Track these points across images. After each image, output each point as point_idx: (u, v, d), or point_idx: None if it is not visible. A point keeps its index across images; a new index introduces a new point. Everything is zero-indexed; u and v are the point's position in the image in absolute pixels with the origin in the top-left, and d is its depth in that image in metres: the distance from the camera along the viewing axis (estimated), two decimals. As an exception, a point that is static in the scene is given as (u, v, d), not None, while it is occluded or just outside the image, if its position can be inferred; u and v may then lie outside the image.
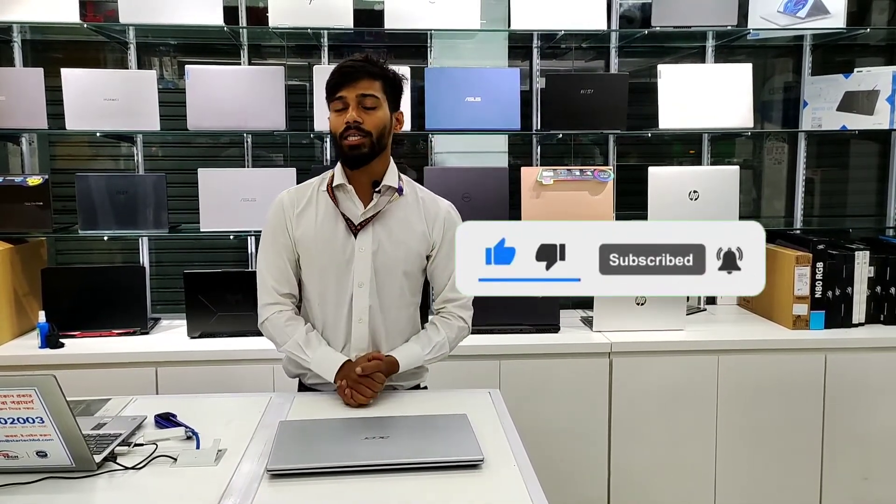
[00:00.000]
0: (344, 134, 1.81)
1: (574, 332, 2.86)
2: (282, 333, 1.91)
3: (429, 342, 1.94)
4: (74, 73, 2.82)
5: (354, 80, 1.81)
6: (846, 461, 2.81)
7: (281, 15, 2.86)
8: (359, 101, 1.81)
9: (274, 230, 1.92)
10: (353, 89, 1.81)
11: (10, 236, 2.83)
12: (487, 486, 1.40)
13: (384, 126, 1.86)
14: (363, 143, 1.82)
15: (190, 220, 3.03)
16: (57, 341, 2.64)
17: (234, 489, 1.39)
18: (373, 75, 1.83)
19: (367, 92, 1.82)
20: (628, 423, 2.74)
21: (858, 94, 3.07)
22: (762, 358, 2.76)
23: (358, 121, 1.80)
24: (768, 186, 3.65)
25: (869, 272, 2.90)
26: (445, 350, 1.96)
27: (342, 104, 1.82)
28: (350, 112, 1.81)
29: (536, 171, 2.92)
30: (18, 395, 1.38)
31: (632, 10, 3.24)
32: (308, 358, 1.87)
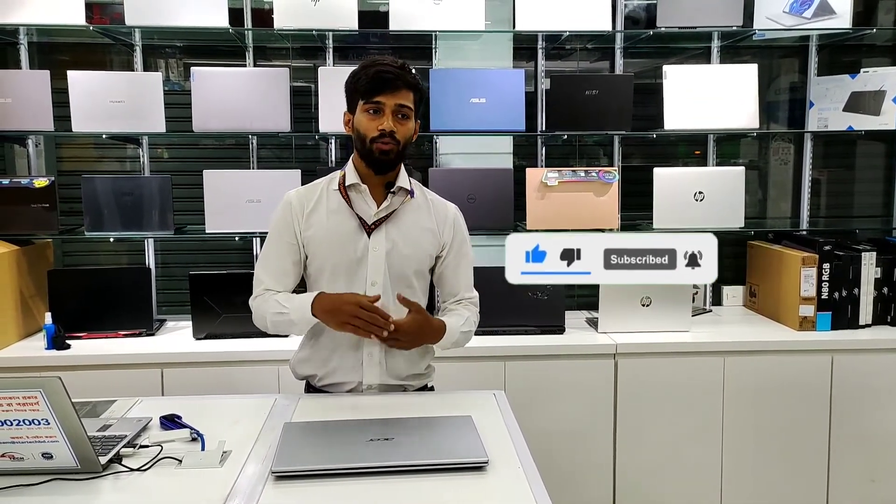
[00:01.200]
0: (377, 139, 1.82)
1: (579, 334, 2.85)
2: (264, 306, 1.90)
3: (460, 316, 1.96)
4: (80, 75, 2.84)
5: (395, 89, 1.82)
6: (853, 463, 2.80)
7: (286, 17, 2.87)
8: (396, 109, 1.82)
9: (280, 230, 1.93)
10: (393, 98, 1.82)
11: (16, 238, 2.84)
12: (492, 488, 1.40)
13: (411, 136, 1.89)
14: (393, 150, 1.83)
15: (195, 222, 3.03)
16: (63, 343, 2.65)
17: (239, 491, 1.40)
18: (410, 86, 1.84)
19: (405, 102, 1.83)
20: (634, 424, 2.74)
21: (865, 94, 3.06)
22: (768, 359, 2.76)
23: (393, 130, 1.82)
24: (774, 187, 3.64)
25: (876, 273, 2.89)
26: (472, 328, 1.99)
27: (377, 108, 1.83)
28: (387, 120, 1.82)
29: (541, 172, 2.91)
30: (24, 397, 1.38)
31: (637, 10, 3.23)
32: (287, 310, 1.86)
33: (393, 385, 1.94)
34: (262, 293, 1.93)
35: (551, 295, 2.82)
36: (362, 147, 1.86)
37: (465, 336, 1.98)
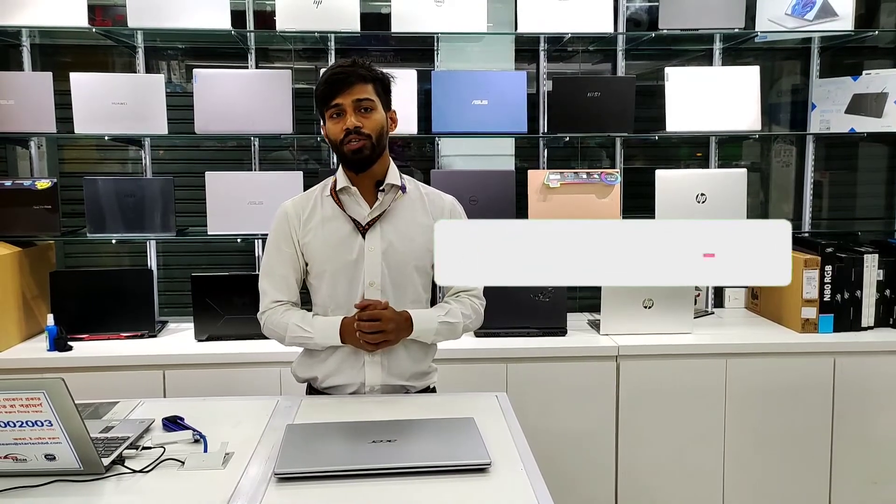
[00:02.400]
0: (345, 140, 1.84)
1: (581, 336, 2.85)
2: (280, 323, 1.92)
3: (441, 308, 1.96)
4: (83, 77, 2.84)
5: (348, 86, 1.83)
6: (855, 465, 2.79)
7: (288, 19, 2.87)
8: (355, 106, 1.83)
9: (279, 241, 1.95)
10: (348, 95, 1.83)
11: (18, 239, 2.84)
12: (495, 490, 1.40)
13: (382, 127, 1.88)
14: (364, 145, 1.84)
15: (197, 224, 3.03)
16: (65, 344, 2.65)
17: (242, 492, 1.40)
18: (364, 79, 1.85)
19: (362, 96, 1.84)
20: (636, 426, 2.73)
21: (867, 96, 3.06)
22: (770, 361, 2.75)
23: (358, 125, 1.83)
24: (776, 189, 3.64)
25: (878, 275, 2.89)
26: (460, 320, 1.95)
27: (338, 111, 1.85)
28: (349, 118, 1.83)
29: (543, 174, 2.91)
30: (27, 399, 1.38)
31: (639, 12, 3.23)
32: (311, 334, 1.89)
33: (395, 386, 1.94)
34: (272, 307, 1.95)
35: (553, 297, 2.82)
36: (338, 152, 1.89)
37: (452, 327, 1.94)
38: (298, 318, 1.92)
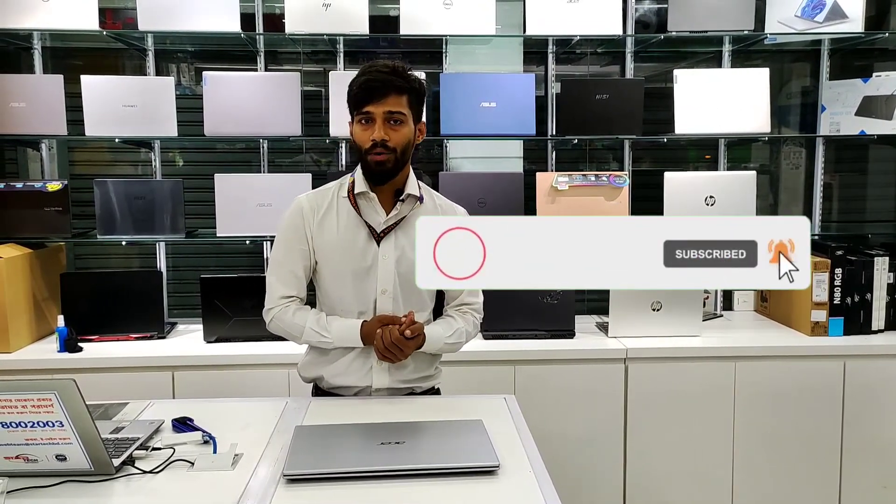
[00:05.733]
0: (370, 150, 1.81)
1: (589, 338, 2.85)
2: (293, 325, 1.91)
3: (449, 326, 1.95)
4: (94, 79, 2.86)
5: (383, 97, 1.79)
6: (865, 469, 2.78)
7: (297, 21, 2.88)
8: (386, 117, 1.81)
9: (291, 237, 1.92)
10: (381, 105, 1.80)
11: (29, 241, 2.86)
12: (503, 493, 1.40)
13: (409, 141, 1.86)
14: (388, 160, 1.82)
15: (206, 226, 3.05)
16: (75, 345, 2.67)
17: (251, 494, 1.40)
18: (400, 90, 1.81)
19: (395, 109, 1.81)
20: (644, 429, 2.73)
21: (877, 98, 3.04)
22: (780, 364, 2.74)
23: (385, 138, 1.80)
24: (786, 192, 3.63)
25: (888, 278, 2.87)
26: (462, 339, 1.97)
27: (368, 118, 1.82)
28: (377, 129, 1.80)
29: (552, 176, 2.91)
30: (39, 399, 1.39)
31: (647, 14, 3.23)
32: (329, 339, 1.88)
33: (401, 388, 1.94)
34: (280, 304, 1.92)
35: (561, 299, 2.82)
36: (360, 158, 1.86)
37: (452, 347, 1.96)
38: (313, 322, 1.90)
